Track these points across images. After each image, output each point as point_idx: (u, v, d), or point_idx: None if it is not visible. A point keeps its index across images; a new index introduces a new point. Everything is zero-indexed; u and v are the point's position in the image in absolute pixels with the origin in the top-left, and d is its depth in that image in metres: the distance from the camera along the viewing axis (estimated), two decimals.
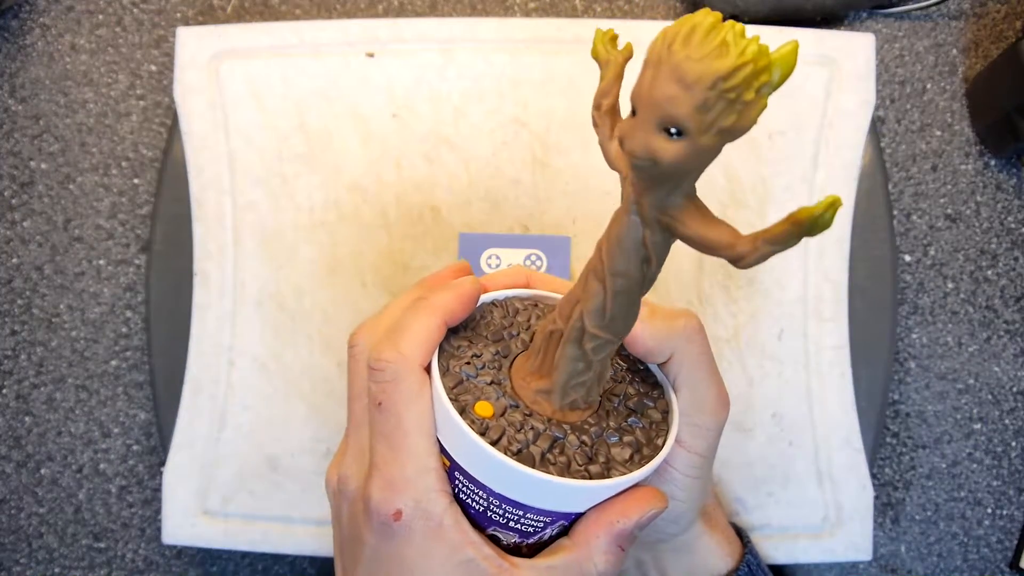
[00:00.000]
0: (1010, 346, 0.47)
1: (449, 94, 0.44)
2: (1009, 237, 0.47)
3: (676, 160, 0.18)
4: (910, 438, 0.47)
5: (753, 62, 0.17)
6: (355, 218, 0.44)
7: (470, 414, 0.25)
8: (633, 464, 0.26)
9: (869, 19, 0.48)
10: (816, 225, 0.17)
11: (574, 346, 0.25)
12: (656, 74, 0.17)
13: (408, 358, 0.26)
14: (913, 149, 0.48)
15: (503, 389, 0.26)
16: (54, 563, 0.47)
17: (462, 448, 0.25)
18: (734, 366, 0.44)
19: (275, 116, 0.44)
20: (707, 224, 0.20)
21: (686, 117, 0.17)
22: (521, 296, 0.30)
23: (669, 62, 0.17)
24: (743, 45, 0.17)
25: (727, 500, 0.44)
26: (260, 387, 0.44)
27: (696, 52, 0.17)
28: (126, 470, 0.47)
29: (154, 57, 0.48)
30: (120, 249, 0.48)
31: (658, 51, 0.17)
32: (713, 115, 0.17)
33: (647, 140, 0.18)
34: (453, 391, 0.26)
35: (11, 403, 0.47)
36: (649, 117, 0.18)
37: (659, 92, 0.17)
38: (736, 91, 0.17)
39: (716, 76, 0.16)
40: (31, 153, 0.48)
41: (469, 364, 0.27)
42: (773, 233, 0.19)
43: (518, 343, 0.28)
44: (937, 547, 0.47)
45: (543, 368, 0.26)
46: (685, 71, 0.17)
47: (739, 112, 0.17)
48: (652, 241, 0.22)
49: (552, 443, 0.25)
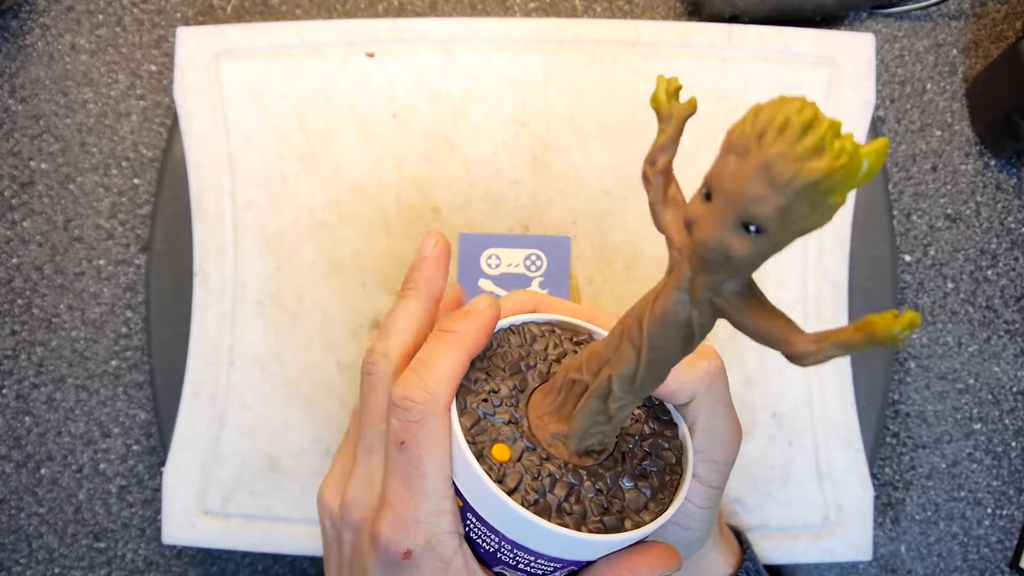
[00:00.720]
0: (1010, 346, 0.47)
1: (449, 94, 0.44)
2: (1009, 237, 0.47)
3: (750, 257, 0.17)
4: (910, 438, 0.47)
5: (846, 167, 0.15)
6: (355, 218, 0.44)
7: (488, 459, 0.25)
8: (648, 513, 0.26)
9: (869, 19, 0.48)
10: (893, 343, 0.16)
11: (598, 401, 0.24)
12: (743, 166, 0.16)
13: (436, 398, 0.25)
14: (913, 149, 0.48)
15: (520, 429, 0.26)
16: (54, 563, 0.47)
17: (479, 495, 0.25)
18: (734, 366, 0.44)
19: (275, 116, 0.44)
20: (765, 315, 0.19)
21: (769, 218, 0.16)
22: (537, 321, 0.29)
23: (759, 156, 0.16)
24: (839, 147, 0.15)
25: (727, 500, 0.44)
26: (260, 387, 0.44)
27: (791, 151, 0.15)
28: (126, 470, 0.47)
29: (154, 57, 0.48)
30: (120, 249, 0.48)
31: (747, 139, 0.16)
32: (795, 216, 0.16)
33: (722, 233, 0.17)
34: (471, 432, 0.25)
35: (11, 403, 0.47)
36: (728, 210, 0.17)
37: (745, 188, 0.16)
38: (825, 195, 0.16)
39: (808, 181, 0.15)
40: (31, 153, 0.48)
41: (487, 401, 0.26)
42: (843, 339, 0.18)
43: (535, 375, 0.27)
44: (937, 547, 0.47)
45: (562, 412, 0.25)
46: (778, 171, 0.16)
47: (819, 214, 0.16)
48: (699, 323, 0.20)
49: (568, 491, 0.25)
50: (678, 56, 0.44)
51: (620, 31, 0.44)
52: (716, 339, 0.44)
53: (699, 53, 0.44)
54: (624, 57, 0.44)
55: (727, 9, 0.45)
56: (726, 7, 0.45)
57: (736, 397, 0.43)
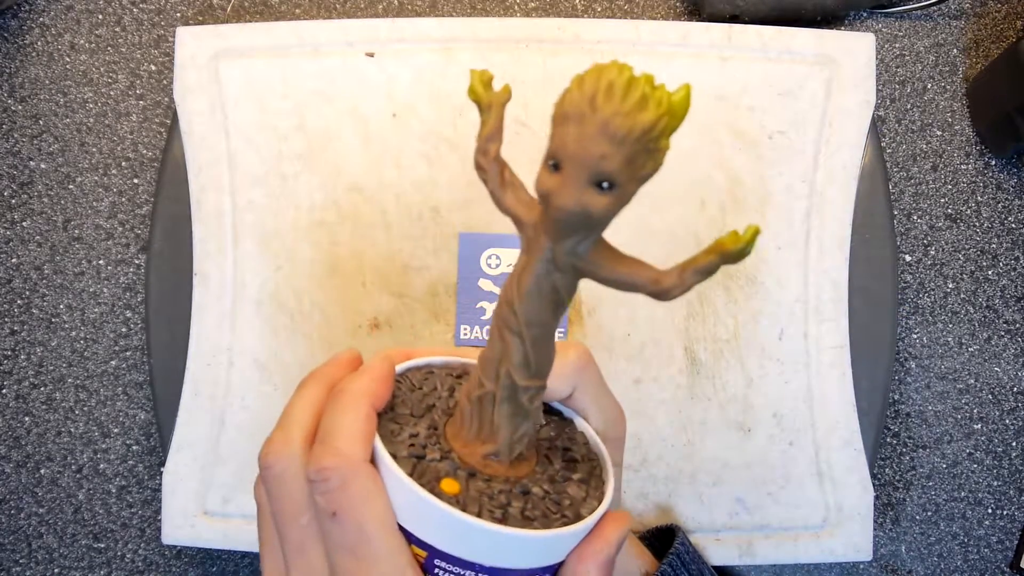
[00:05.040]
0: (1010, 346, 0.47)
1: (449, 94, 0.44)
2: (1009, 237, 0.47)
3: (608, 210, 0.19)
4: (910, 438, 0.47)
5: (668, 112, 0.17)
6: (355, 218, 0.44)
7: (442, 495, 0.24)
8: (591, 498, 0.27)
9: (869, 19, 0.48)
10: (742, 254, 0.18)
11: (510, 403, 0.25)
12: (582, 131, 0.18)
13: (351, 457, 0.24)
14: (913, 149, 0.48)
15: (455, 461, 0.26)
16: (54, 563, 0.47)
17: (446, 532, 0.24)
18: (734, 366, 0.44)
19: (275, 116, 0.44)
20: (624, 263, 0.21)
21: (618, 171, 0.18)
22: (417, 365, 0.29)
23: (595, 119, 0.17)
24: (658, 96, 0.17)
25: (727, 500, 0.44)
26: (260, 387, 0.44)
27: (622, 107, 0.17)
28: (126, 470, 0.47)
29: (154, 57, 0.48)
30: (120, 249, 0.48)
31: (579, 107, 0.18)
32: (638, 165, 0.18)
33: (579, 195, 0.18)
34: (412, 476, 0.25)
35: (11, 403, 0.47)
36: (581, 173, 0.18)
37: (591, 149, 0.18)
38: (657, 140, 0.18)
39: (643, 129, 0.17)
40: (30, 153, 0.48)
41: (413, 445, 0.26)
42: (700, 263, 0.19)
43: (439, 413, 0.28)
44: (937, 547, 0.47)
45: (483, 434, 0.26)
46: (615, 127, 0.17)
47: (655, 158, 0.18)
48: (564, 286, 0.22)
49: (524, 501, 0.26)
50: (678, 56, 0.44)
51: (620, 31, 0.44)
52: (717, 339, 0.44)
53: (699, 53, 0.44)
54: (624, 57, 0.44)
55: (727, 9, 0.45)
56: (726, 7, 0.45)
57: (737, 397, 0.44)
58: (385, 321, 0.44)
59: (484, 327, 0.44)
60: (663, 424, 0.44)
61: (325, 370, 0.29)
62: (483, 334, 0.44)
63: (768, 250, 0.44)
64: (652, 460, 0.44)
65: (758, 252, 0.44)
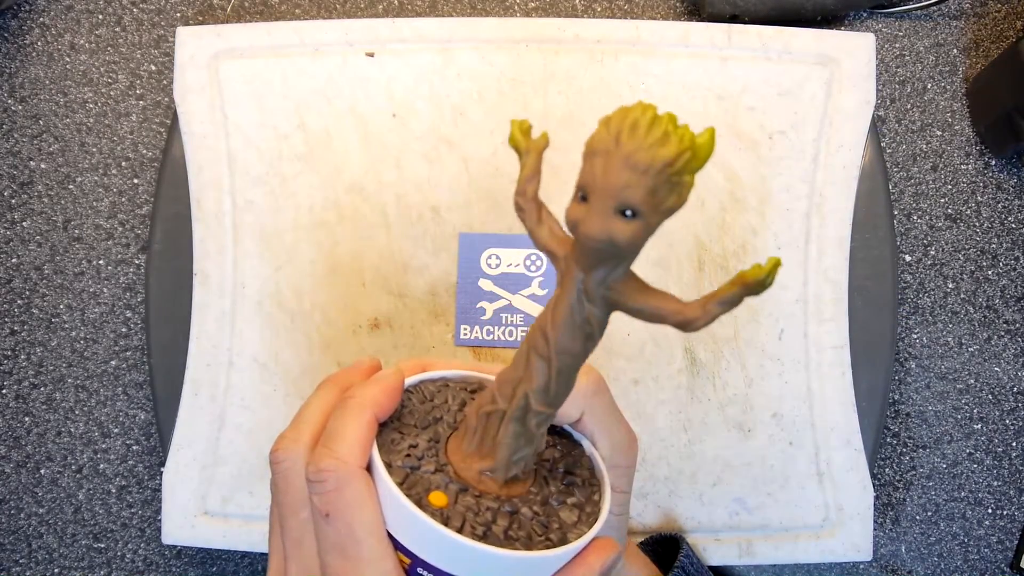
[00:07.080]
0: (1010, 346, 0.47)
1: (449, 94, 0.44)
2: (1009, 237, 0.47)
3: (633, 239, 0.20)
4: (910, 438, 0.47)
5: (690, 148, 0.19)
6: (355, 218, 0.44)
7: (428, 507, 0.25)
8: (583, 524, 0.27)
9: (869, 19, 0.48)
10: (763, 285, 0.20)
11: (517, 424, 0.25)
12: (608, 163, 0.19)
13: (348, 462, 0.25)
14: (913, 149, 0.48)
15: (448, 475, 0.26)
16: (54, 563, 0.47)
17: (429, 543, 0.25)
18: (734, 366, 0.44)
19: (275, 116, 0.44)
20: (652, 295, 0.22)
21: (641, 201, 0.19)
22: (432, 379, 0.30)
23: (620, 153, 0.19)
24: (680, 133, 0.19)
25: (727, 500, 0.44)
26: (260, 387, 0.44)
27: (645, 142, 0.19)
28: (126, 470, 0.47)
29: (154, 57, 0.48)
30: (120, 249, 0.48)
31: (605, 143, 0.19)
32: (661, 197, 0.19)
33: (605, 224, 0.20)
34: (403, 486, 0.25)
35: (11, 403, 0.47)
36: (605, 202, 0.20)
37: (615, 179, 0.19)
38: (679, 174, 0.19)
39: (664, 163, 0.19)
40: (31, 153, 0.48)
41: (409, 456, 0.27)
42: (723, 295, 0.20)
43: (444, 425, 0.28)
44: (937, 547, 0.47)
45: (483, 449, 0.26)
46: (638, 160, 0.19)
47: (679, 192, 0.19)
48: (597, 318, 0.23)
49: (510, 520, 0.26)
50: (678, 56, 0.44)
51: (620, 31, 0.44)
52: (717, 338, 0.44)
53: (699, 53, 0.44)
54: (624, 57, 0.44)
55: (727, 9, 0.45)
56: (726, 7, 0.45)
57: (737, 397, 0.44)
58: (385, 321, 0.44)
59: (484, 327, 0.44)
60: (663, 424, 0.44)
61: (343, 375, 0.30)
62: (483, 334, 0.44)
63: (768, 250, 0.44)
64: (652, 460, 0.44)
65: (758, 252, 0.44)
